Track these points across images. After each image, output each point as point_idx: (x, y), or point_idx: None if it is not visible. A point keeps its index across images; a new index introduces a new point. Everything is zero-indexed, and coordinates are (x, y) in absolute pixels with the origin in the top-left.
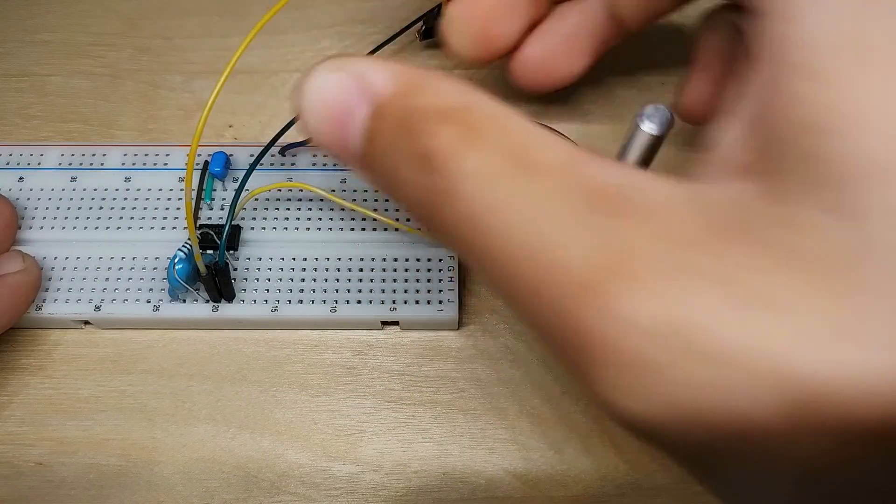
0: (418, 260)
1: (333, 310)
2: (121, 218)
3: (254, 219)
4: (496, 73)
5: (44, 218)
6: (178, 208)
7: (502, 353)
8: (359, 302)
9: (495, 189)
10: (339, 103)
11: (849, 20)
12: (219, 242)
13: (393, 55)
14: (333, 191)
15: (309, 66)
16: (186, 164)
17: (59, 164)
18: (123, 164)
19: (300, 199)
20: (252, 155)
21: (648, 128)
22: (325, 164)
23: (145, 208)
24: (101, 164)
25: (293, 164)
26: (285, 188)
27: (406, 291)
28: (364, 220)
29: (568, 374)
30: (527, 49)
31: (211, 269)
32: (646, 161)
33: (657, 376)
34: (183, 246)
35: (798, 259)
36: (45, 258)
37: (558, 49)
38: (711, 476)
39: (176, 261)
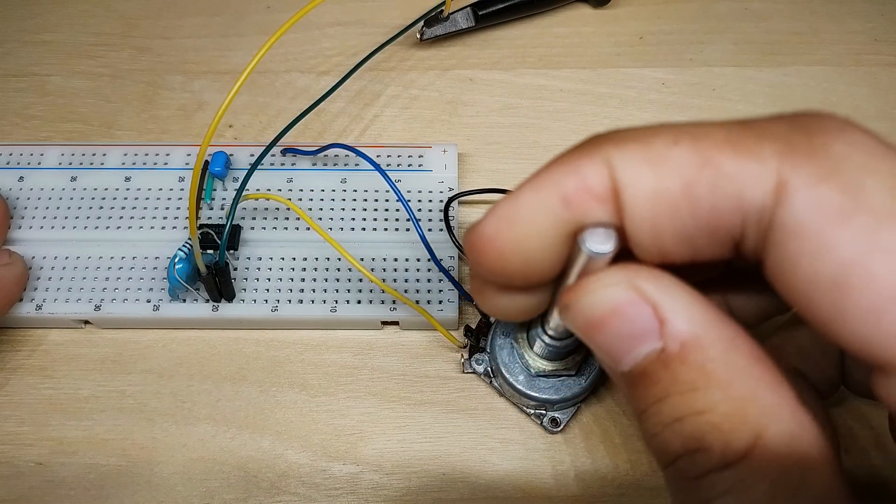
0: (418, 260)
1: (333, 310)
2: (121, 218)
3: (254, 219)
4: None
5: (44, 217)
6: (178, 208)
7: None
8: (359, 302)
9: None
10: (631, 325)
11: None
12: (219, 242)
13: (393, 55)
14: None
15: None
16: (190, 163)
17: (59, 163)
18: (123, 163)
19: (300, 200)
20: (252, 155)
21: (591, 247)
22: (325, 165)
23: (145, 208)
24: (101, 164)
25: (293, 165)
26: (275, 196)
27: (406, 291)
28: (364, 220)
29: None
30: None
31: (211, 268)
32: None
33: None
34: (183, 246)
35: None
36: (44, 258)
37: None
38: None
39: (176, 260)
